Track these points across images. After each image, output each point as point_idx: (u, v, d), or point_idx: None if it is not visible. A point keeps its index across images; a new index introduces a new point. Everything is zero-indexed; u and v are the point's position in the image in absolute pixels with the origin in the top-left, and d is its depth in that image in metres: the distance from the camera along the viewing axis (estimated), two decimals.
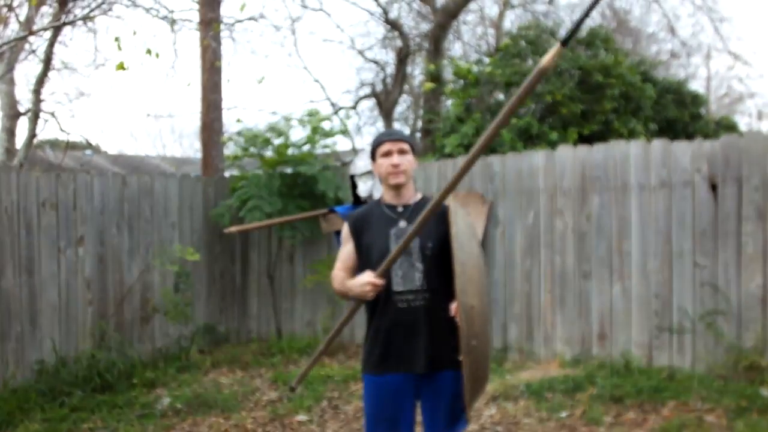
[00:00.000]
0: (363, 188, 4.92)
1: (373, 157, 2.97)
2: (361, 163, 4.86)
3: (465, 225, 2.76)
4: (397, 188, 2.89)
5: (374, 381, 2.92)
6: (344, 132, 7.69)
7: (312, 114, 7.53)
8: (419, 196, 2.99)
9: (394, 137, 2.93)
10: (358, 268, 2.91)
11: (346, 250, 2.98)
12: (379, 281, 2.69)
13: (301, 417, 5.15)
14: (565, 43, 2.19)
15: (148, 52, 5.48)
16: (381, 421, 2.93)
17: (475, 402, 2.82)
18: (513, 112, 2.42)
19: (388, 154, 2.86)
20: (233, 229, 4.39)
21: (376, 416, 2.94)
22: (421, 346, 2.78)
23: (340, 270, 2.96)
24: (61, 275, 6.02)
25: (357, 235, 2.94)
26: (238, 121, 8.32)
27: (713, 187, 5.61)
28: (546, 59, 2.18)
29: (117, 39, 5.05)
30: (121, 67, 5.15)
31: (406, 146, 2.88)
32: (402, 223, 2.85)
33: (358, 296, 2.79)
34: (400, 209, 2.90)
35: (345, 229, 3.02)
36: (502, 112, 2.39)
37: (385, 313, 2.84)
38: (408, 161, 2.87)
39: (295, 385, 3.20)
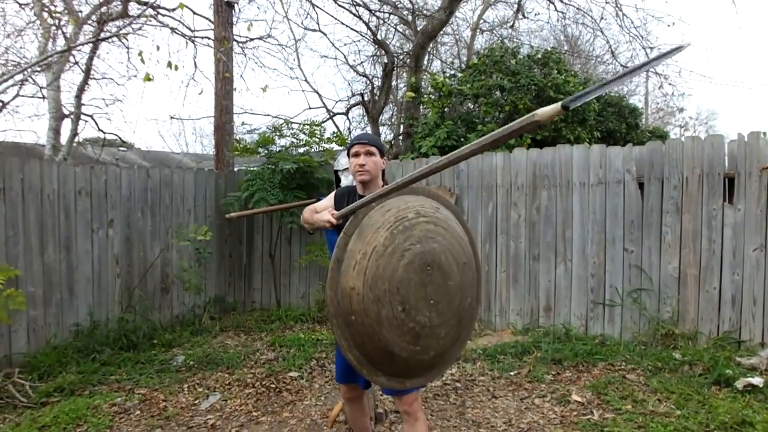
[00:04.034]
0: (345, 182, 4.92)
1: (348, 155, 3.01)
2: (344, 161, 4.86)
3: (380, 216, 2.60)
4: (363, 183, 2.95)
5: None
6: (335, 140, 7.68)
7: (309, 125, 7.58)
8: None
9: (362, 141, 2.93)
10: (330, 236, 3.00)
11: (326, 204, 3.07)
12: (334, 221, 2.74)
13: (293, 373, 5.18)
14: (566, 108, 1.68)
15: (169, 65, 5.47)
16: (342, 371, 3.09)
17: (379, 376, 2.65)
18: (494, 145, 1.94)
19: (356, 155, 2.91)
20: (234, 215, 4.39)
21: (339, 367, 3.11)
22: None
23: (312, 210, 3.04)
24: (94, 252, 6.02)
25: (337, 204, 3.02)
26: (243, 123, 8.30)
27: (640, 185, 5.68)
28: (543, 114, 1.70)
29: (140, 53, 5.06)
30: (147, 78, 5.15)
31: (373, 149, 2.91)
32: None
33: (320, 226, 2.87)
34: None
35: (331, 195, 3.10)
36: (473, 146, 1.99)
37: None
38: (373, 162, 2.91)
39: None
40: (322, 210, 3.00)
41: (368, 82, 11.79)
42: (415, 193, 2.87)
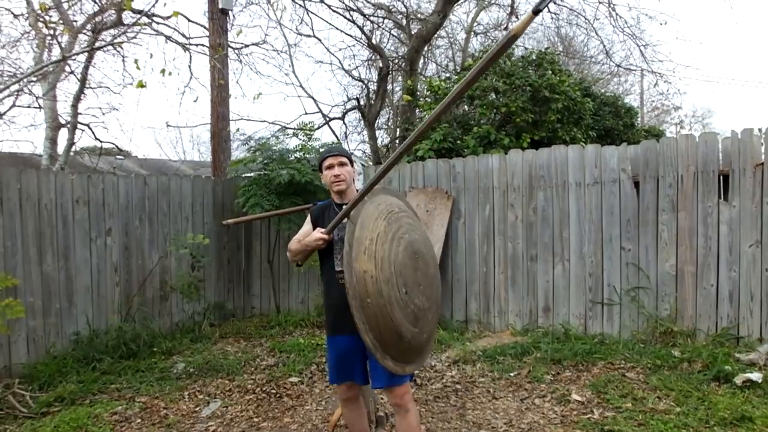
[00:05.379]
0: None
1: (320, 168, 3.18)
2: None
3: (375, 208, 2.83)
4: (340, 192, 3.11)
5: (331, 341, 3.17)
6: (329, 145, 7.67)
7: (303, 128, 7.58)
8: None
9: (334, 153, 3.13)
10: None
11: (306, 229, 3.20)
12: (326, 236, 2.93)
13: (294, 379, 5.18)
14: (537, 12, 1.78)
15: (163, 72, 5.49)
16: (337, 371, 3.15)
17: (387, 359, 2.74)
18: (480, 75, 2.04)
19: (330, 167, 3.09)
20: (230, 221, 4.40)
21: (334, 368, 3.17)
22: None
23: (296, 241, 3.16)
24: (93, 261, 6.03)
25: (315, 222, 3.17)
26: (238, 130, 8.30)
27: (636, 184, 5.70)
28: (518, 26, 1.79)
29: (136, 61, 5.08)
30: (140, 84, 5.18)
31: (344, 159, 3.12)
32: (345, 219, 2.97)
33: (313, 248, 3.02)
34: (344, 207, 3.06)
35: (308, 219, 3.25)
36: (473, 71, 2.03)
37: (331, 288, 3.07)
38: (347, 171, 3.11)
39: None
40: (305, 235, 3.13)
41: (364, 86, 11.81)
42: (392, 194, 3.17)
